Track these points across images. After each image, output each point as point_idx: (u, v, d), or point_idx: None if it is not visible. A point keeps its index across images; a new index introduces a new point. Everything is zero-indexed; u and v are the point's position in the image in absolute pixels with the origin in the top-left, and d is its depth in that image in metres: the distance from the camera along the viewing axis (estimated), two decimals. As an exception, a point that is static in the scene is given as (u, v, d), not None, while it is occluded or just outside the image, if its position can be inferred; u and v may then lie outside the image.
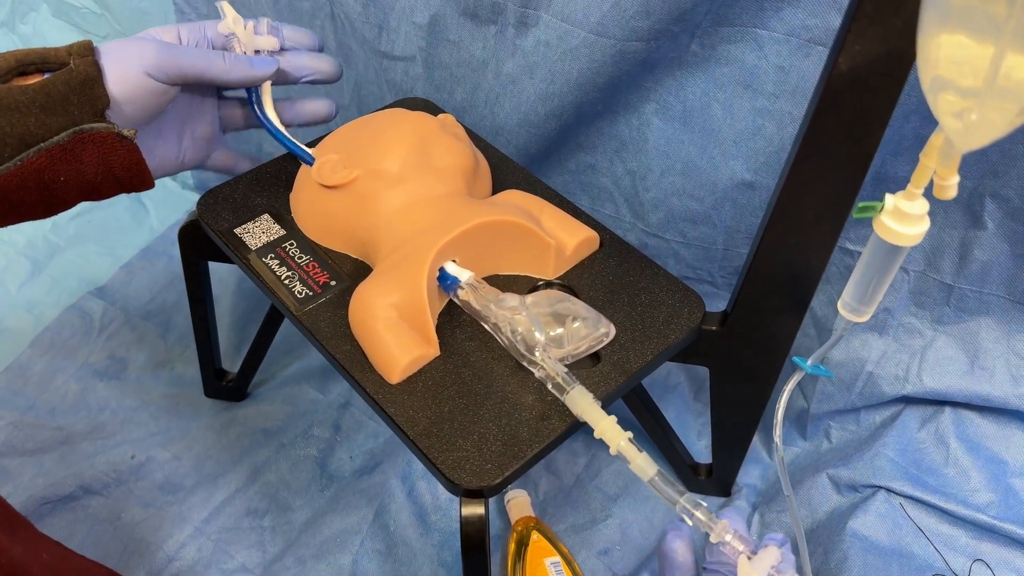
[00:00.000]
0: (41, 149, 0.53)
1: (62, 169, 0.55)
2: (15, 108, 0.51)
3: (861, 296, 0.47)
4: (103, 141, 0.55)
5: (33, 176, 0.54)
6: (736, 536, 0.47)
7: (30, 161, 0.53)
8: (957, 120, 0.33)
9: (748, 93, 0.63)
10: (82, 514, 0.75)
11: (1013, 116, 0.32)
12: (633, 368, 0.54)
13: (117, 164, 0.57)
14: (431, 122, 0.62)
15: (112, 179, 0.58)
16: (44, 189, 0.55)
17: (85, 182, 0.56)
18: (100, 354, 0.89)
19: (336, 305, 0.57)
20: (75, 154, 0.54)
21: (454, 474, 0.48)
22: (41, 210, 0.57)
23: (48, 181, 0.55)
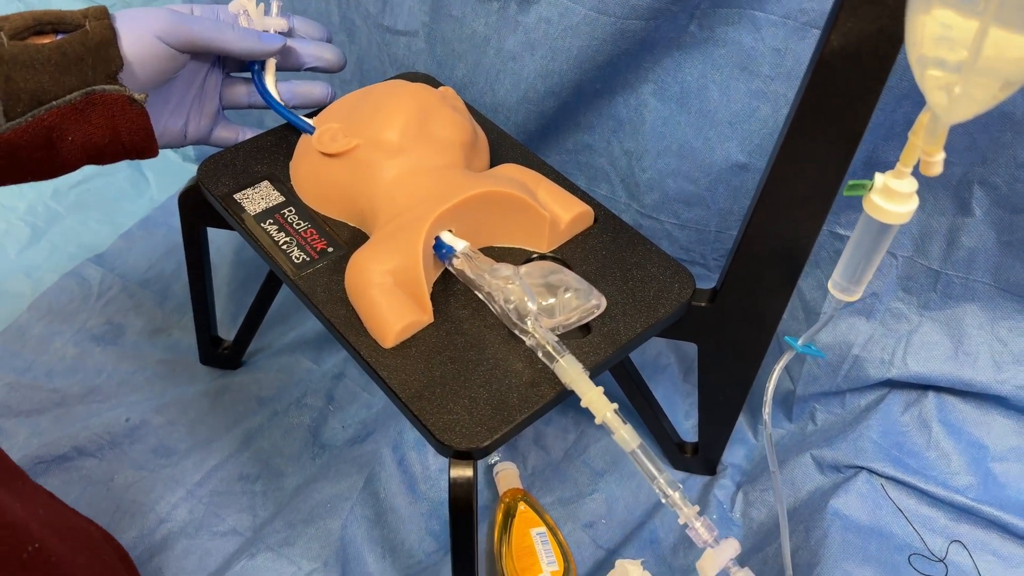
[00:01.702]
0: (52, 107, 0.54)
1: (71, 129, 0.55)
2: (30, 65, 0.52)
3: (851, 275, 0.49)
4: (113, 103, 0.56)
5: (42, 134, 0.55)
6: (704, 524, 0.48)
7: (40, 118, 0.54)
8: (943, 95, 0.34)
9: (744, 75, 0.64)
10: (75, 475, 0.76)
11: (996, 91, 0.33)
12: (622, 340, 0.55)
13: (124, 128, 0.57)
14: (432, 94, 0.62)
15: (118, 143, 0.58)
16: (51, 148, 0.56)
17: (92, 144, 0.57)
18: (97, 319, 0.90)
19: (333, 271, 0.58)
20: (85, 115, 0.55)
21: (444, 436, 0.50)
22: (46, 170, 0.58)
23: (56, 140, 0.55)
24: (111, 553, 0.64)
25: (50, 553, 0.49)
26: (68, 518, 0.61)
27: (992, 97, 0.33)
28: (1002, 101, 0.34)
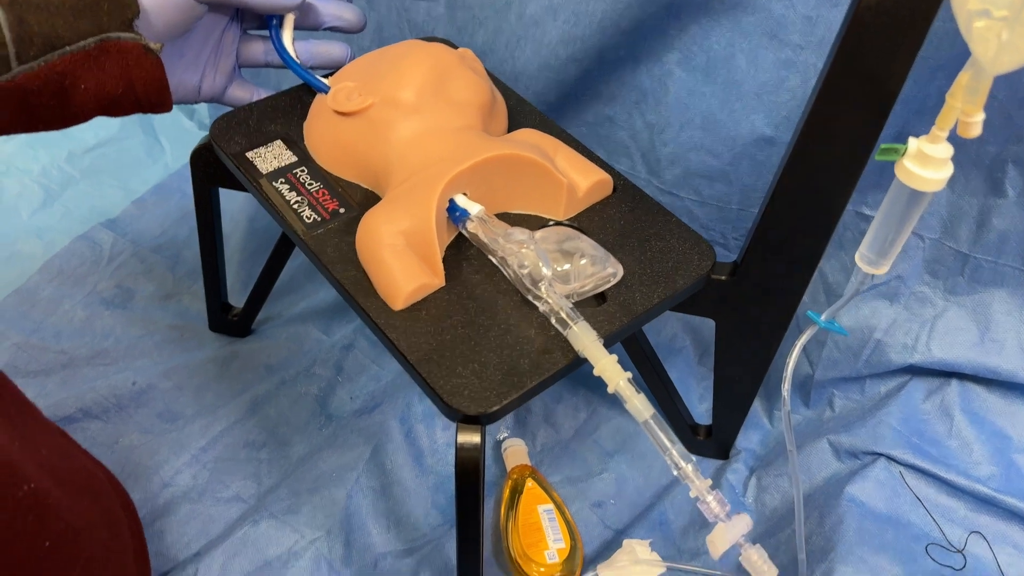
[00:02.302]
0: (66, 52, 0.53)
1: (84, 76, 0.54)
2: (44, 7, 0.51)
3: (879, 247, 0.47)
4: (128, 52, 0.55)
5: (55, 80, 0.53)
6: (716, 498, 0.47)
7: (53, 64, 0.53)
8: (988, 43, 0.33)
9: (773, 44, 0.62)
10: (81, 436, 0.76)
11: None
12: (638, 310, 0.53)
13: (138, 78, 0.56)
14: (450, 54, 0.61)
15: (132, 94, 0.57)
16: (64, 95, 0.55)
17: (105, 94, 0.56)
18: (108, 283, 0.90)
19: (344, 232, 0.57)
20: (99, 62, 0.54)
21: (453, 400, 0.48)
22: (58, 119, 0.57)
23: (69, 87, 0.54)
24: (115, 499, 0.63)
25: (45, 495, 0.48)
26: (73, 459, 0.60)
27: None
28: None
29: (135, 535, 0.64)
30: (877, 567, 0.61)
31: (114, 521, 0.60)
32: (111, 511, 0.60)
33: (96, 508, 0.57)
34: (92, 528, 0.54)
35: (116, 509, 0.61)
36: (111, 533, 0.58)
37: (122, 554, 0.59)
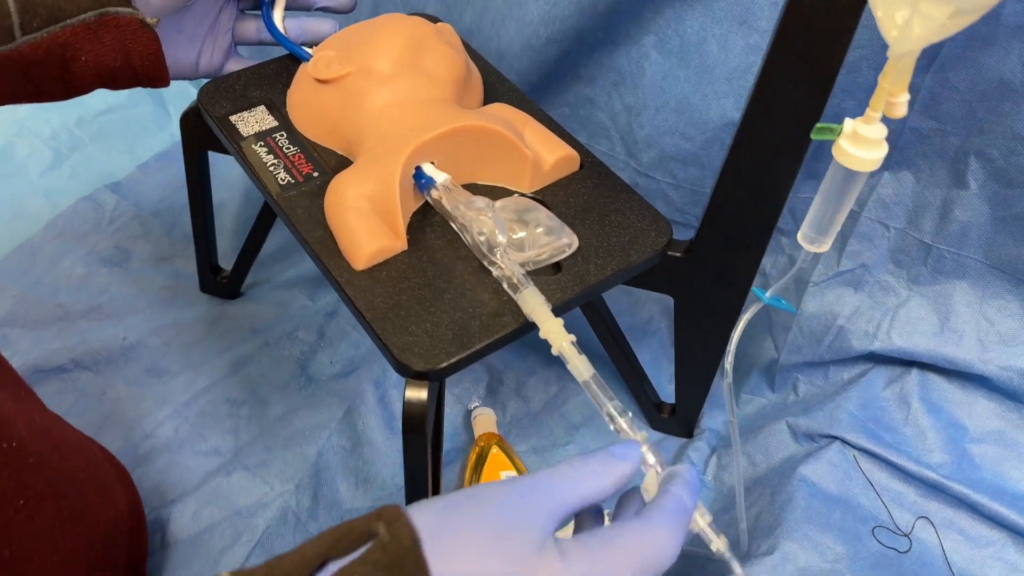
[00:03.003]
0: (67, 25, 0.56)
1: (84, 48, 0.57)
2: None
3: (819, 225, 0.48)
4: (126, 26, 0.57)
5: (57, 51, 0.56)
6: (651, 449, 0.48)
7: (55, 36, 0.56)
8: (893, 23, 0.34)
9: (743, 29, 0.63)
10: (70, 385, 0.79)
11: (945, 19, 0.33)
12: (591, 281, 0.55)
13: (136, 52, 0.59)
14: (427, 28, 0.63)
15: (130, 68, 0.60)
16: (65, 67, 0.58)
17: (104, 66, 0.59)
18: (107, 243, 0.93)
19: (315, 195, 0.59)
20: (98, 35, 0.57)
21: (403, 356, 0.50)
22: (60, 90, 0.60)
23: (69, 59, 0.57)
24: (110, 472, 0.66)
25: (30, 453, 0.50)
26: (68, 432, 0.63)
27: (941, 26, 0.33)
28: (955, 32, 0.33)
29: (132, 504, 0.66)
30: (821, 544, 0.63)
31: (107, 489, 0.62)
32: (104, 479, 0.63)
33: (85, 472, 0.59)
34: (82, 493, 0.56)
35: (112, 479, 0.64)
36: (103, 500, 0.60)
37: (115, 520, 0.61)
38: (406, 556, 0.33)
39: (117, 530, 0.61)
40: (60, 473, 0.54)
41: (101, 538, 0.57)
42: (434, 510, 0.36)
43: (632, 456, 0.42)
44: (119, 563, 0.60)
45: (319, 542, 0.34)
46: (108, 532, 0.58)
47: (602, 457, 0.41)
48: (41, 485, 0.50)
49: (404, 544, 0.33)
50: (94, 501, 0.58)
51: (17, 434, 0.49)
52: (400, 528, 0.34)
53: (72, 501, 0.54)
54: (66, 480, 0.54)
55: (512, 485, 0.38)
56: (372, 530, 0.34)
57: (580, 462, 0.40)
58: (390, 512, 0.35)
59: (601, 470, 0.40)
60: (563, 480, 0.39)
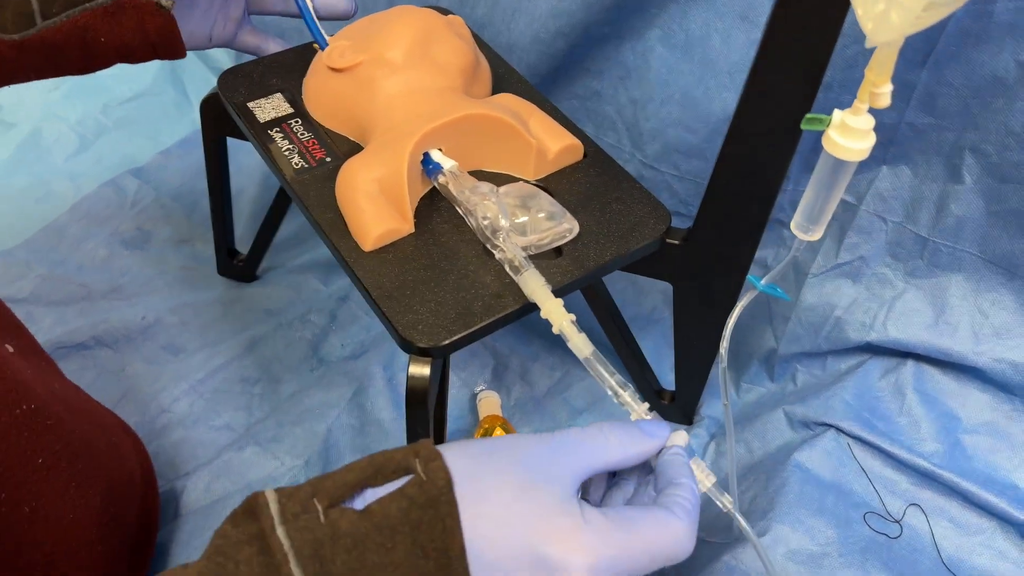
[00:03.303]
0: (86, 8, 0.59)
1: (102, 29, 0.60)
2: None
3: (810, 214, 0.50)
4: (143, 8, 0.60)
5: (76, 33, 0.59)
6: (654, 419, 0.50)
7: (74, 19, 0.58)
8: (870, 14, 0.36)
9: (745, 24, 0.65)
10: (91, 361, 0.82)
11: (920, 10, 0.34)
12: (591, 265, 0.57)
13: (153, 31, 0.62)
14: (438, 19, 0.65)
15: (147, 44, 0.63)
16: (85, 47, 0.60)
17: (123, 44, 0.62)
18: (129, 225, 0.96)
19: (327, 179, 0.61)
20: (116, 17, 0.60)
21: (408, 333, 0.53)
22: (80, 67, 0.63)
23: (89, 40, 0.60)
24: (124, 439, 0.69)
25: (48, 416, 0.53)
26: (84, 400, 0.66)
27: (916, 17, 0.34)
28: (931, 24, 0.35)
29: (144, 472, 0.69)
30: (813, 528, 0.64)
31: (121, 454, 0.64)
32: (119, 446, 0.65)
33: (104, 439, 0.62)
34: (95, 455, 0.59)
35: (128, 449, 0.67)
36: (117, 464, 0.63)
37: (127, 487, 0.64)
38: (439, 496, 0.36)
39: (129, 493, 0.63)
40: (76, 436, 0.56)
41: (113, 500, 0.59)
42: (467, 455, 0.39)
43: (659, 435, 0.44)
44: (131, 526, 0.63)
45: (360, 470, 0.37)
46: (120, 495, 0.61)
47: (631, 430, 0.43)
48: (58, 446, 0.53)
49: (438, 484, 0.36)
50: (108, 464, 0.60)
51: (37, 397, 0.52)
52: (436, 469, 0.36)
53: (86, 463, 0.56)
54: (81, 443, 0.57)
55: (543, 440, 0.41)
56: (409, 465, 0.37)
57: (610, 430, 0.43)
58: (427, 451, 0.38)
59: (628, 442, 0.43)
60: (592, 444, 0.41)
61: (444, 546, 0.35)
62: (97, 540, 0.57)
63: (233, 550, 0.34)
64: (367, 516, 0.35)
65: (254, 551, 0.34)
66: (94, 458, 0.58)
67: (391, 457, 0.38)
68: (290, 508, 0.35)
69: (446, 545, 0.35)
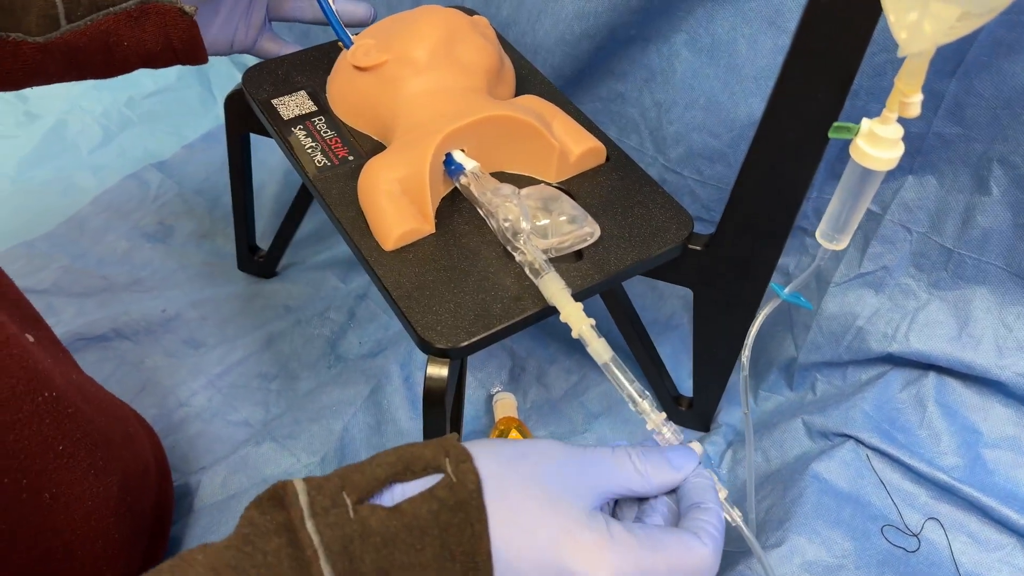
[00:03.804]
0: (110, 13, 0.59)
1: (126, 34, 0.60)
2: None
3: (836, 223, 0.49)
4: (165, 13, 0.61)
5: (100, 37, 0.60)
6: (670, 429, 0.50)
7: (98, 23, 0.59)
8: (903, 23, 0.35)
9: (772, 30, 0.64)
10: (111, 353, 0.83)
11: (953, 20, 0.34)
12: (612, 270, 0.57)
13: (175, 36, 0.62)
14: (463, 19, 0.65)
15: (170, 50, 0.63)
16: (108, 51, 0.61)
17: (145, 50, 0.62)
18: (151, 219, 0.97)
19: (349, 177, 0.61)
20: (139, 23, 0.60)
21: (426, 334, 0.52)
22: (103, 70, 0.63)
23: (112, 44, 0.61)
24: (139, 430, 0.69)
25: (68, 404, 0.53)
26: (100, 391, 0.66)
27: (949, 27, 0.34)
28: (964, 35, 0.34)
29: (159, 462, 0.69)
30: (830, 540, 0.64)
31: (137, 445, 0.65)
32: (135, 437, 0.66)
33: (120, 430, 0.63)
34: (112, 445, 0.59)
35: (143, 440, 0.67)
36: (133, 455, 0.63)
37: (142, 477, 0.64)
38: (469, 500, 0.36)
39: (145, 484, 0.64)
40: (94, 426, 0.57)
41: (129, 490, 0.60)
42: (497, 458, 0.39)
43: (686, 468, 0.44)
44: (146, 516, 0.63)
45: (389, 465, 0.37)
46: (136, 485, 0.61)
47: (658, 461, 0.43)
48: (78, 435, 0.53)
49: (468, 488, 0.36)
50: (124, 455, 0.61)
51: (56, 386, 0.52)
52: (466, 472, 0.37)
53: (104, 452, 0.57)
54: (99, 432, 0.57)
55: (572, 454, 0.41)
56: (439, 464, 0.37)
57: (639, 458, 0.42)
58: (457, 451, 0.38)
59: (655, 472, 0.42)
60: (619, 469, 0.41)
61: (471, 550, 0.35)
62: (113, 528, 0.57)
63: (261, 540, 0.34)
64: (397, 515, 0.35)
65: (283, 542, 0.34)
66: (111, 448, 0.58)
67: (420, 454, 0.38)
68: (320, 501, 0.35)
69: (473, 550, 0.35)
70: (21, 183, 1.01)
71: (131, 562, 0.60)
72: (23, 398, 0.49)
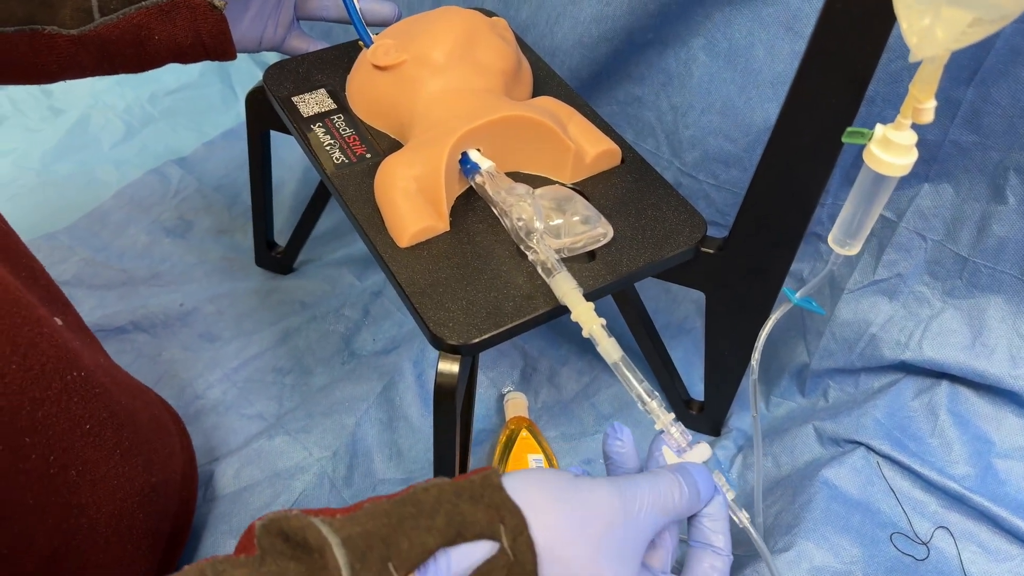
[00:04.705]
0: (142, 7, 0.60)
1: (157, 28, 0.62)
2: None
3: (848, 228, 0.49)
4: (196, 8, 0.62)
5: (132, 31, 0.61)
6: (679, 430, 0.50)
7: (130, 16, 0.60)
8: (915, 29, 0.35)
9: (789, 36, 0.65)
10: (129, 345, 0.84)
11: (965, 26, 0.34)
12: (624, 271, 0.57)
13: (205, 31, 0.63)
14: (482, 21, 0.66)
15: (200, 45, 0.64)
16: (140, 45, 0.62)
17: (176, 44, 0.63)
18: (171, 214, 0.98)
19: (366, 175, 0.62)
20: (170, 17, 0.61)
21: (439, 330, 0.53)
22: (134, 64, 0.65)
23: (144, 38, 0.62)
24: (165, 415, 0.70)
25: (96, 384, 0.54)
26: (126, 375, 0.67)
27: (961, 33, 0.34)
28: (976, 41, 0.35)
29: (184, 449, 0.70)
30: (838, 546, 0.64)
31: (162, 427, 0.66)
32: (160, 420, 0.67)
33: (146, 412, 0.64)
34: (137, 426, 0.60)
35: (168, 422, 0.68)
36: (158, 437, 0.65)
37: (167, 460, 0.65)
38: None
39: (170, 466, 0.65)
40: (121, 406, 0.58)
41: (154, 471, 0.61)
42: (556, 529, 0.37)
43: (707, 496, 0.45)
44: (170, 499, 0.64)
45: (439, 532, 0.35)
46: (161, 467, 0.62)
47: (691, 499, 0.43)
48: (104, 414, 0.54)
49: (527, 568, 0.35)
50: (150, 437, 0.62)
51: (84, 366, 0.53)
52: (523, 547, 0.36)
53: (130, 432, 0.58)
54: (126, 413, 0.58)
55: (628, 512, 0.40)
56: (494, 532, 0.36)
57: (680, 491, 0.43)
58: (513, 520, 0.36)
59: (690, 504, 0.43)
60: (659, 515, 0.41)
61: None
62: (138, 508, 0.58)
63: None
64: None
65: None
66: (137, 430, 0.59)
67: (473, 519, 0.36)
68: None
69: None
70: (45, 176, 1.03)
71: (156, 543, 0.61)
72: (52, 376, 0.50)
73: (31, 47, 0.60)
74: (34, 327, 0.49)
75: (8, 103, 1.10)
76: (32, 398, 0.47)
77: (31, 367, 0.47)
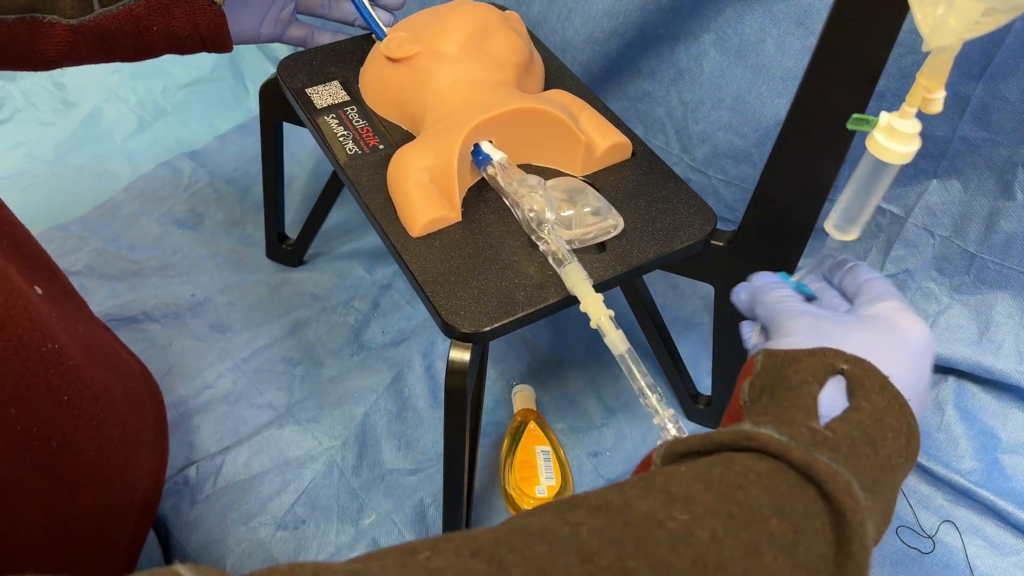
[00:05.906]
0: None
1: (156, 20, 0.62)
2: None
3: (847, 214, 0.50)
4: (195, 1, 0.62)
5: (131, 22, 0.62)
6: (676, 427, 0.51)
7: (130, 8, 0.61)
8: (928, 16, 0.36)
9: (800, 31, 0.65)
10: (140, 335, 0.84)
11: (978, 15, 0.34)
12: (633, 262, 0.58)
13: (204, 24, 0.64)
14: (494, 14, 0.66)
15: (197, 37, 0.65)
16: (138, 35, 0.63)
17: (174, 35, 0.64)
18: (183, 206, 0.99)
19: (379, 166, 0.63)
20: (169, 9, 0.62)
21: (450, 318, 0.54)
22: (132, 54, 0.66)
23: (143, 29, 0.63)
24: (144, 388, 0.71)
25: (68, 357, 0.54)
26: (106, 345, 0.67)
27: (974, 23, 0.35)
28: (989, 31, 0.35)
29: (157, 420, 0.70)
30: (844, 538, 0.64)
31: (136, 400, 0.66)
32: (136, 392, 0.67)
33: (120, 386, 0.64)
34: (112, 399, 0.60)
35: (143, 396, 0.69)
36: (132, 409, 0.65)
37: (140, 432, 0.66)
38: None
39: (141, 439, 0.65)
40: (94, 379, 0.58)
41: (129, 443, 0.61)
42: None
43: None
44: (143, 467, 0.65)
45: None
46: (133, 440, 0.63)
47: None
48: (79, 386, 0.55)
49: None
50: (124, 409, 0.62)
51: (57, 338, 0.54)
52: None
53: (105, 406, 0.58)
54: (100, 386, 0.59)
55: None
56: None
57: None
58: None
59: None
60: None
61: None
62: (115, 479, 0.59)
63: None
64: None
65: None
66: (111, 403, 0.60)
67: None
68: None
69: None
70: (58, 168, 1.04)
71: (130, 509, 0.62)
72: (29, 348, 0.50)
73: (31, 35, 0.60)
74: (9, 298, 0.49)
75: (21, 96, 1.11)
76: (13, 369, 0.48)
77: (9, 338, 0.48)
